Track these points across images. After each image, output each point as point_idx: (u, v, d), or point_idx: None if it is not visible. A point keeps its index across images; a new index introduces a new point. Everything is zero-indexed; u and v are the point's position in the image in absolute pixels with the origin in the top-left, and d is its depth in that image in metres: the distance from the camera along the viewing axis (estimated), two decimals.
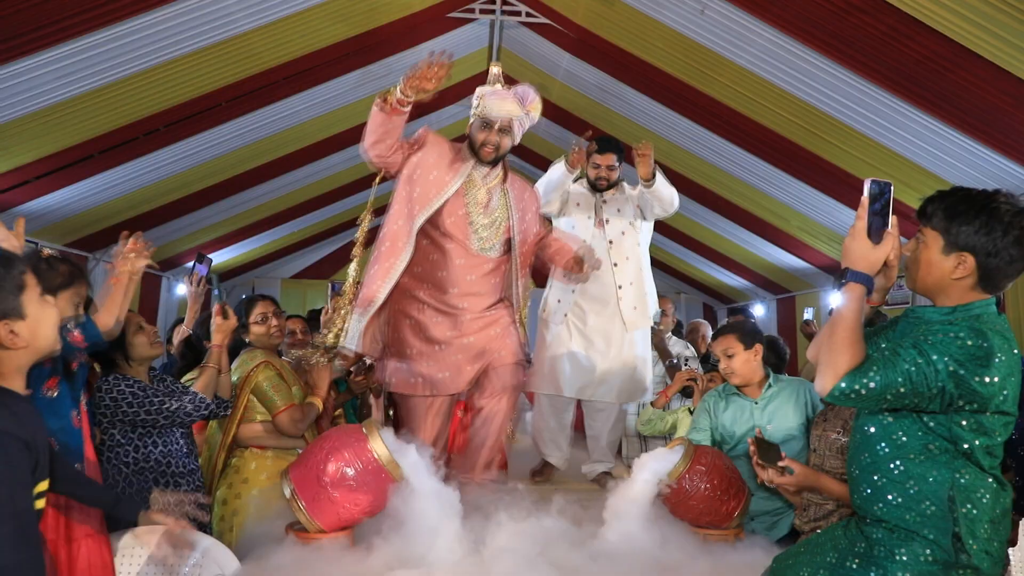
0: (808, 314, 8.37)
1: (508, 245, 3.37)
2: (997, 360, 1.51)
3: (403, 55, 6.59)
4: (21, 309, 1.51)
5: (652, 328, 4.76)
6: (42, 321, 1.55)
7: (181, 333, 4.03)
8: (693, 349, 5.19)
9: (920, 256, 1.67)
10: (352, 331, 3.19)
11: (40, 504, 1.55)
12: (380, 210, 3.47)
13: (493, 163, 3.27)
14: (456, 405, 3.61)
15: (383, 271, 3.15)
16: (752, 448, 2.23)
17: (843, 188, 6.51)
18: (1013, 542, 2.56)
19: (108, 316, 2.44)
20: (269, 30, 5.32)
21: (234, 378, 3.19)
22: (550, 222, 4.17)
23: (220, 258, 10.23)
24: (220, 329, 3.01)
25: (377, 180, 3.48)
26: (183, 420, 2.81)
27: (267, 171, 7.83)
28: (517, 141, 3.29)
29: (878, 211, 1.62)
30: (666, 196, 3.99)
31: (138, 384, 2.75)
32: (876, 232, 1.62)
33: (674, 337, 5.21)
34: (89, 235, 7.29)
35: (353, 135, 7.87)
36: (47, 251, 2.56)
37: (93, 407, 2.63)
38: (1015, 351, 1.57)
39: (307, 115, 6.92)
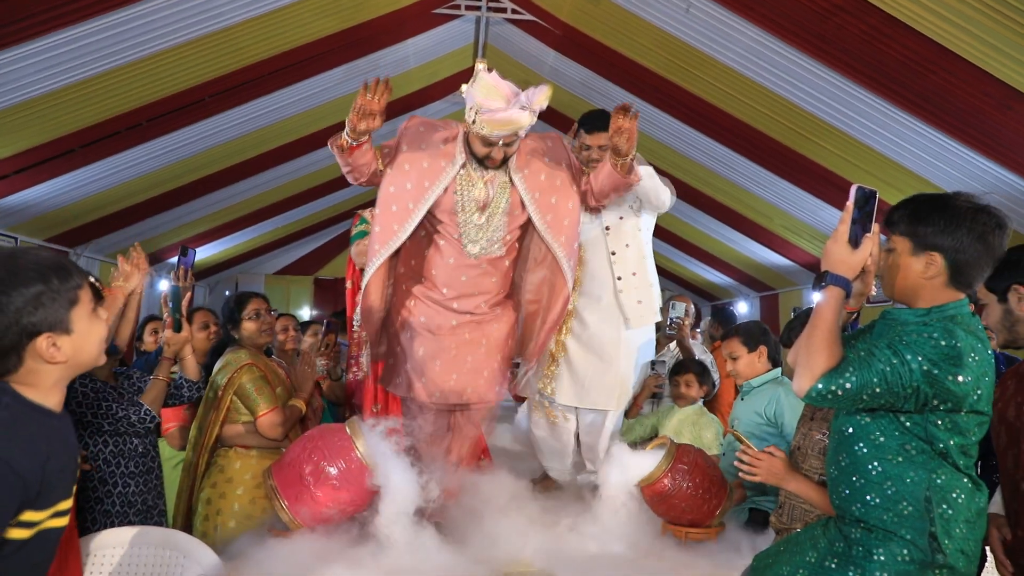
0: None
1: (519, 236, 3.08)
2: (970, 360, 1.55)
3: (389, 50, 6.57)
4: (68, 324, 1.46)
5: (676, 324, 4.65)
6: (89, 337, 1.51)
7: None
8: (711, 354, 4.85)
9: (892, 262, 1.72)
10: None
11: (59, 523, 1.51)
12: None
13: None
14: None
15: (372, 254, 2.97)
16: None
17: (826, 187, 6.57)
18: None
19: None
20: (254, 24, 5.28)
21: (219, 378, 3.17)
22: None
23: (203, 254, 10.16)
24: (171, 342, 2.96)
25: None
26: (127, 430, 2.79)
27: (251, 166, 7.79)
28: (525, 134, 2.94)
29: (862, 217, 1.66)
30: (649, 189, 3.42)
31: (92, 385, 2.71)
32: (858, 237, 1.66)
33: (690, 340, 5.01)
34: (70, 230, 7.21)
35: (339, 130, 7.85)
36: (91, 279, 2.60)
37: None
38: (988, 351, 1.62)
39: (292, 110, 6.89)
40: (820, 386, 1.57)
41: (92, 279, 2.29)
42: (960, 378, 1.54)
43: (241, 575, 2.34)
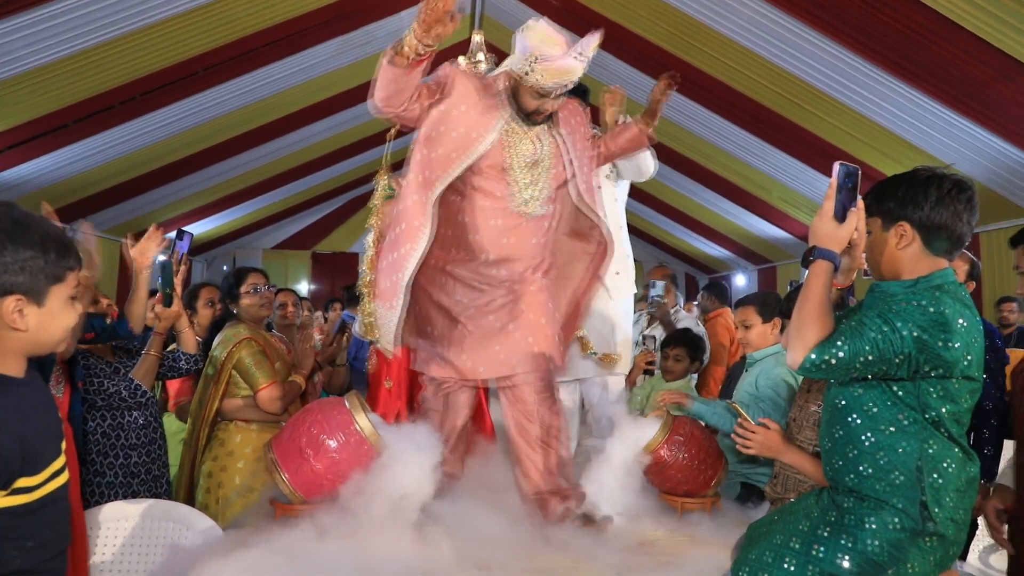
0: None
1: (554, 200, 2.93)
2: (958, 325, 1.59)
3: (385, 22, 6.50)
4: (44, 297, 1.44)
5: (657, 302, 4.66)
6: (57, 320, 1.48)
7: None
8: (703, 326, 4.88)
9: (872, 242, 1.78)
10: (385, 328, 2.81)
11: (60, 481, 1.50)
12: (397, 165, 3.11)
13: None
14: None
15: (399, 260, 2.74)
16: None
17: (825, 159, 6.54)
18: None
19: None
20: None
21: (218, 352, 3.19)
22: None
23: (200, 229, 10.14)
24: (161, 316, 2.97)
25: (391, 134, 3.08)
26: (120, 404, 2.86)
27: (248, 140, 7.74)
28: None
29: (846, 193, 1.71)
30: (639, 157, 3.38)
31: (85, 361, 2.76)
32: (843, 213, 1.71)
33: (683, 312, 4.99)
34: (64, 206, 7.17)
35: (335, 103, 7.79)
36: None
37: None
38: (977, 318, 1.65)
39: (288, 83, 6.83)
40: (813, 356, 1.61)
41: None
42: (951, 344, 1.58)
43: (246, 552, 2.35)
